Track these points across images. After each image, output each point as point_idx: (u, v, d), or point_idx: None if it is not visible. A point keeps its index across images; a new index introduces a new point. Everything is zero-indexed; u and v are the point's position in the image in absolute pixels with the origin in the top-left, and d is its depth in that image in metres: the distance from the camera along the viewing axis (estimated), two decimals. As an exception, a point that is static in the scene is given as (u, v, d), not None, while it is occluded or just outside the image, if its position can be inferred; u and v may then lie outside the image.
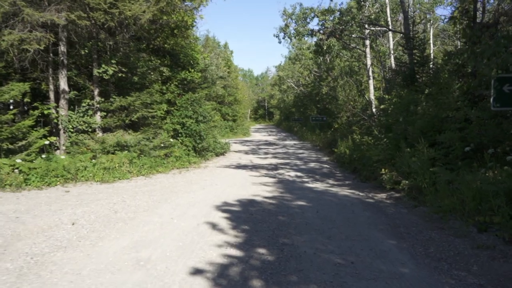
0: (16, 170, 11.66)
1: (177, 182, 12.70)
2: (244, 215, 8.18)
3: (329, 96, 31.45)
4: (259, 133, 48.42)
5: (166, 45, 18.43)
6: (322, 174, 14.82)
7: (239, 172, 15.23)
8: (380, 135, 13.24)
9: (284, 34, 25.14)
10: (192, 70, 19.34)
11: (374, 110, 22.21)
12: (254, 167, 16.84)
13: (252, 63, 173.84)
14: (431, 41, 29.23)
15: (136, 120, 15.82)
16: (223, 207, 8.89)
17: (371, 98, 23.89)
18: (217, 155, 21.85)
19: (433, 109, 11.34)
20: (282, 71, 53.30)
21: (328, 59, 36.13)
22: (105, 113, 15.64)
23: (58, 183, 11.93)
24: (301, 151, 25.21)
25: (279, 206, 9.04)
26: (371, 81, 24.34)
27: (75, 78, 15.23)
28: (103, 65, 14.60)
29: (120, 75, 15.04)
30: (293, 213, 8.40)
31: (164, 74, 17.12)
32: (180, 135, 18.47)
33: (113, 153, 14.71)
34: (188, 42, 19.41)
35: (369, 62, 24.35)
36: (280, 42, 25.98)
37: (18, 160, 11.92)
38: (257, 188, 11.48)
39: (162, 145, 16.29)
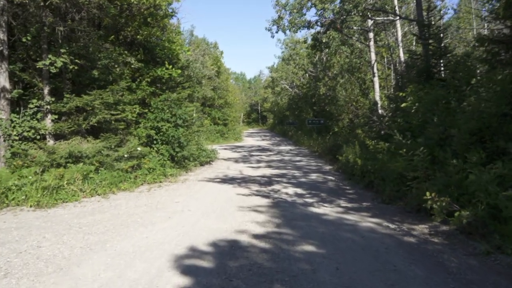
0: None
1: (138, 206, 9.29)
2: (217, 282, 4.80)
3: (328, 97, 28.15)
4: (252, 138, 45.01)
5: (138, 36, 15.05)
6: (328, 190, 11.46)
7: (223, 189, 11.85)
8: (404, 140, 9.96)
9: (278, 27, 21.79)
10: (171, 67, 15.95)
11: (380, 111, 18.94)
12: (244, 181, 13.47)
13: (244, 66, 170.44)
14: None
15: (96, 124, 12.41)
16: (186, 262, 5.50)
17: (376, 97, 20.62)
18: (202, 164, 18.45)
19: (489, 104, 8.00)
20: (275, 72, 49.97)
21: (324, 58, 32.88)
22: (57, 117, 12.22)
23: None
24: (298, 158, 21.84)
25: (276, 257, 5.65)
26: (375, 79, 21.05)
27: (19, 74, 11.82)
28: (50, 56, 11.19)
29: (72, 67, 11.64)
30: (298, 274, 5.03)
31: (132, 65, 13.70)
32: (155, 142, 15.07)
33: (64, 166, 11.33)
34: (165, 34, 16.03)
35: (373, 57, 21.06)
36: (273, 37, 23.32)
37: None
38: (244, 216, 8.10)
39: (127, 155, 12.89)
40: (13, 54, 11.99)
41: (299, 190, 11.40)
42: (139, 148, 13.09)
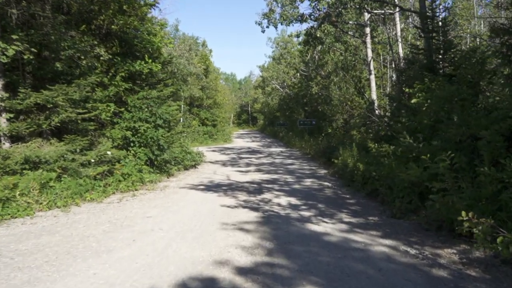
0: None
1: (100, 223, 7.61)
2: None
3: (321, 97, 26.57)
4: (242, 139, 43.31)
5: (113, 26, 13.33)
6: (326, 200, 9.86)
7: (207, 199, 10.21)
8: (416, 143, 8.42)
9: (268, 20, 20.21)
10: (150, 61, 14.25)
11: (377, 111, 17.42)
12: (231, 188, 11.84)
13: (235, 67, 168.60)
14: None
15: (59, 124, 10.68)
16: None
17: (373, 96, 19.11)
18: (186, 168, 16.79)
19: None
20: (266, 71, 48.35)
21: (317, 56, 31.34)
22: (13, 115, 10.48)
23: None
24: (290, 161, 20.23)
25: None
26: (372, 77, 19.55)
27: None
28: (-1, 42, 9.46)
29: (28, 57, 9.91)
30: None
31: (102, 57, 11.95)
32: (132, 144, 13.38)
33: (20, 174, 9.62)
34: (144, 24, 14.32)
35: (369, 53, 19.55)
36: (263, 31, 20.89)
37: None
38: (228, 238, 6.47)
39: (97, 160, 11.19)
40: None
41: (293, 200, 9.79)
42: (109, 152, 11.37)
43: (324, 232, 6.83)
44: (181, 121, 32.14)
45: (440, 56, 12.55)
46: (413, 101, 9.71)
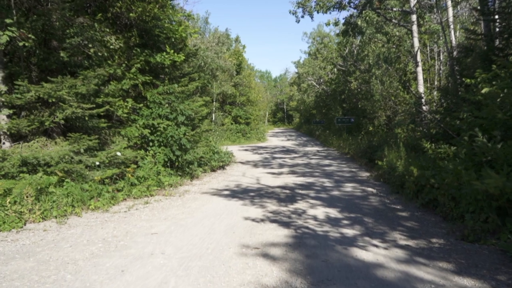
0: None
1: (91, 242, 6.09)
2: None
3: (361, 92, 24.51)
4: (276, 138, 41.54)
5: (131, 14, 11.89)
6: (373, 213, 8.04)
7: (229, 208, 8.58)
8: (491, 143, 6.53)
9: (303, 9, 18.42)
10: (172, 51, 12.76)
11: (424, 107, 15.34)
12: (259, 194, 10.18)
13: (270, 65, 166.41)
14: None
15: (63, 121, 9.29)
16: None
17: (420, 90, 16.98)
18: (213, 169, 15.26)
19: None
20: (302, 67, 46.33)
21: (355, 51, 29.23)
22: (11, 112, 9.16)
23: None
24: (327, 161, 18.36)
25: None
26: (419, 69, 17.38)
27: (-39, 54, 8.83)
28: (-11, 27, 8.12)
29: (23, 44, 8.52)
30: None
31: (112, 46, 10.48)
32: (151, 143, 11.93)
33: (17, 177, 8.29)
34: (165, 11, 12.80)
35: (416, 43, 17.39)
36: (298, 21, 19.01)
37: None
38: (245, 272, 4.79)
39: (107, 161, 9.77)
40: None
41: (332, 212, 8.02)
42: (118, 153, 9.90)
43: (375, 263, 5.07)
44: (213, 118, 30.82)
45: (505, 42, 10.62)
46: (483, 91, 7.74)
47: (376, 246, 5.75)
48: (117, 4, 11.74)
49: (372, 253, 5.45)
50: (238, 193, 10.48)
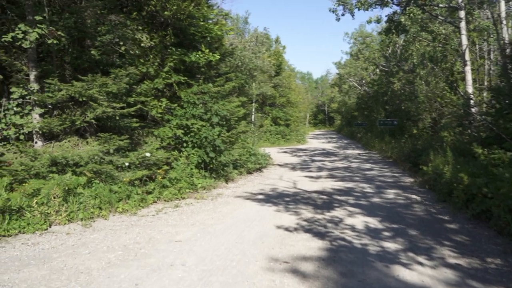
0: None
1: (111, 249, 5.70)
2: None
3: (404, 93, 23.40)
4: (316, 140, 40.65)
5: (166, 12, 11.58)
6: (418, 223, 7.27)
7: (261, 214, 8.04)
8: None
9: (344, 7, 17.65)
10: (207, 50, 12.36)
11: (473, 109, 14.26)
12: (294, 200, 9.59)
13: (311, 67, 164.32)
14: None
15: (94, 120, 9.05)
16: None
17: (468, 91, 15.85)
18: (250, 171, 14.77)
19: None
20: (343, 68, 45.14)
21: (398, 51, 28.05)
22: (43, 111, 9.00)
23: None
24: (368, 165, 17.50)
25: None
26: (468, 68, 16.25)
27: (-4, 53, 8.73)
28: (20, 25, 7.92)
29: (52, 41, 8.30)
30: None
31: (142, 44, 10.15)
32: (184, 144, 11.58)
33: (46, 177, 8.08)
34: (200, 9, 12.39)
35: (464, 41, 16.28)
36: (338, 19, 18.15)
37: None
38: (272, 290, 4.29)
39: (138, 162, 9.44)
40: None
41: (372, 222, 7.33)
42: (147, 154, 9.54)
43: (420, 286, 4.40)
44: (253, 119, 30.39)
45: None
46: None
47: (422, 264, 5.06)
48: (152, 2, 11.46)
49: (416, 272, 4.77)
50: (273, 197, 9.93)
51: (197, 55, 12.28)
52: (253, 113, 30.62)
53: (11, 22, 8.16)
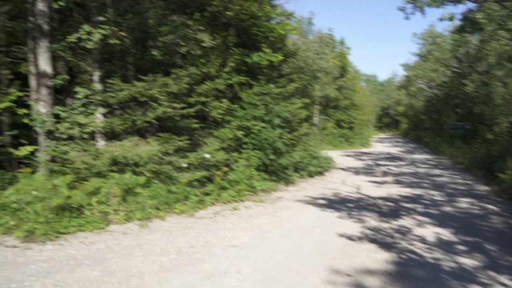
0: None
1: (164, 252, 5.51)
2: None
3: (478, 96, 21.90)
4: (381, 144, 39.22)
5: (228, 13, 11.45)
6: (497, 237, 6.53)
7: (322, 221, 7.59)
8: None
9: (414, 5, 16.74)
10: (270, 51, 12.08)
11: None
12: (358, 206, 9.04)
13: (377, 69, 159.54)
14: None
15: (154, 120, 9.03)
16: None
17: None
18: (311, 175, 14.29)
19: None
20: (411, 70, 43.24)
21: (472, 51, 26.36)
22: (106, 110, 9.11)
23: None
24: (437, 171, 16.44)
25: None
26: (553, 68, 14.88)
27: (63, 55, 8.95)
28: (84, 26, 8.03)
29: (114, 42, 8.35)
30: None
31: (204, 44, 10.02)
32: (244, 146, 11.36)
33: (103, 176, 8.13)
34: (262, 9, 12.14)
35: (550, 39, 14.92)
36: (407, 18, 17.22)
37: None
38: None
39: (198, 163, 9.31)
40: (60, 28, 9.10)
41: (445, 234, 6.67)
42: (206, 155, 9.39)
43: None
44: (315, 122, 29.80)
45: None
46: None
47: (505, 285, 4.43)
48: (214, 3, 11.36)
49: (500, 296, 4.17)
50: (335, 203, 9.44)
51: (259, 56, 12.04)
52: (316, 115, 30.03)
53: (77, 24, 8.29)
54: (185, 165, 8.79)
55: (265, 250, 5.66)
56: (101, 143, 9.09)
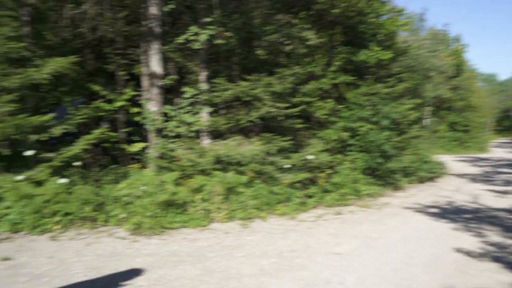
0: None
1: (266, 254, 5.35)
2: None
3: None
4: (501, 149, 35.74)
5: (335, 10, 11.07)
6: None
7: (435, 233, 6.90)
8: None
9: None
10: (379, 49, 11.45)
11: None
12: (476, 218, 8.13)
13: (495, 67, 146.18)
14: None
15: (259, 120, 8.98)
16: None
17: None
18: (421, 181, 13.34)
19: None
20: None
21: None
22: (211, 110, 9.27)
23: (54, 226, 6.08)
24: None
25: None
26: None
27: (172, 56, 9.30)
28: (191, 27, 8.22)
29: (225, 43, 8.43)
30: None
31: (309, 42, 9.72)
32: (349, 148, 10.89)
33: (207, 174, 8.25)
34: (370, 5, 11.51)
35: None
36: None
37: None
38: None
39: (301, 164, 9.08)
40: (171, 31, 9.45)
41: None
42: (310, 156, 9.10)
43: None
44: (426, 124, 28.05)
45: None
46: None
47: None
48: (321, 1, 11.05)
49: None
50: (449, 212, 8.62)
51: (367, 54, 11.47)
52: (427, 117, 28.22)
53: (186, 26, 8.53)
54: (288, 166, 8.60)
55: (370, 260, 5.24)
56: (206, 141, 9.27)
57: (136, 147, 9.39)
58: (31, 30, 8.10)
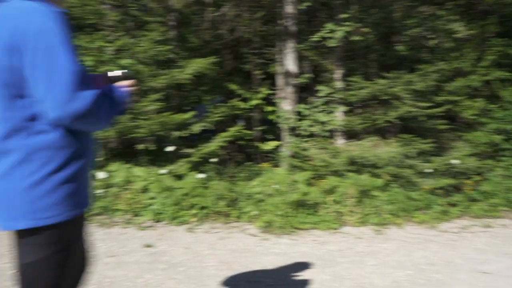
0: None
1: (401, 264, 4.91)
2: None
3: None
4: None
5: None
6: None
7: None
8: None
9: None
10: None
11: None
12: None
13: None
14: None
15: (398, 120, 8.42)
16: None
17: None
18: None
19: None
20: None
21: None
22: (346, 109, 8.96)
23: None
24: None
25: None
26: None
27: (307, 54, 9.20)
28: (327, 25, 7.99)
29: (362, 40, 8.05)
30: None
31: (456, 34, 8.76)
32: (503, 153, 9.66)
33: (340, 176, 7.98)
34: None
35: None
36: None
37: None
38: None
39: (443, 169, 8.28)
40: (306, 29, 9.36)
41: None
42: (453, 161, 8.21)
43: None
44: None
45: None
46: None
47: None
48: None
49: None
50: None
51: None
52: None
53: (321, 24, 8.35)
54: (429, 170, 7.91)
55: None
56: (340, 141, 9.00)
57: (270, 145, 9.50)
58: (176, 33, 8.69)
